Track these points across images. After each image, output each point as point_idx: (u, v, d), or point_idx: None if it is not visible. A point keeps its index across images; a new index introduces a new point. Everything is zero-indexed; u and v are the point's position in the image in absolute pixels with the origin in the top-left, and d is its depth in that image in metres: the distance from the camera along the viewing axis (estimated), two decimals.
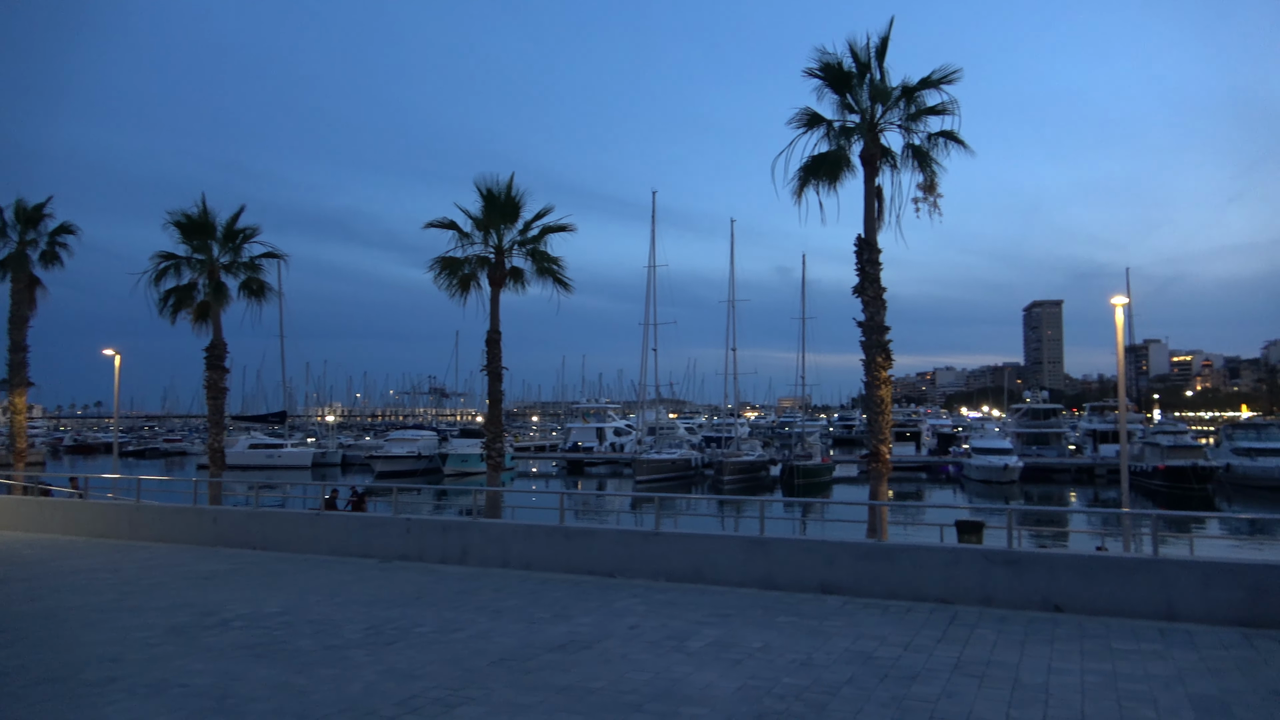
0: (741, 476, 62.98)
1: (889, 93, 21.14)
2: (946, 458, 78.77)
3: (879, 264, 21.21)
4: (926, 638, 9.46)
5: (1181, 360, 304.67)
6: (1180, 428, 74.66)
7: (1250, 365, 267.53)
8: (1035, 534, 28.21)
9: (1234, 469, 61.24)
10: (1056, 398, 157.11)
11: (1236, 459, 62.50)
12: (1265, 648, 9.01)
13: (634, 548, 13.47)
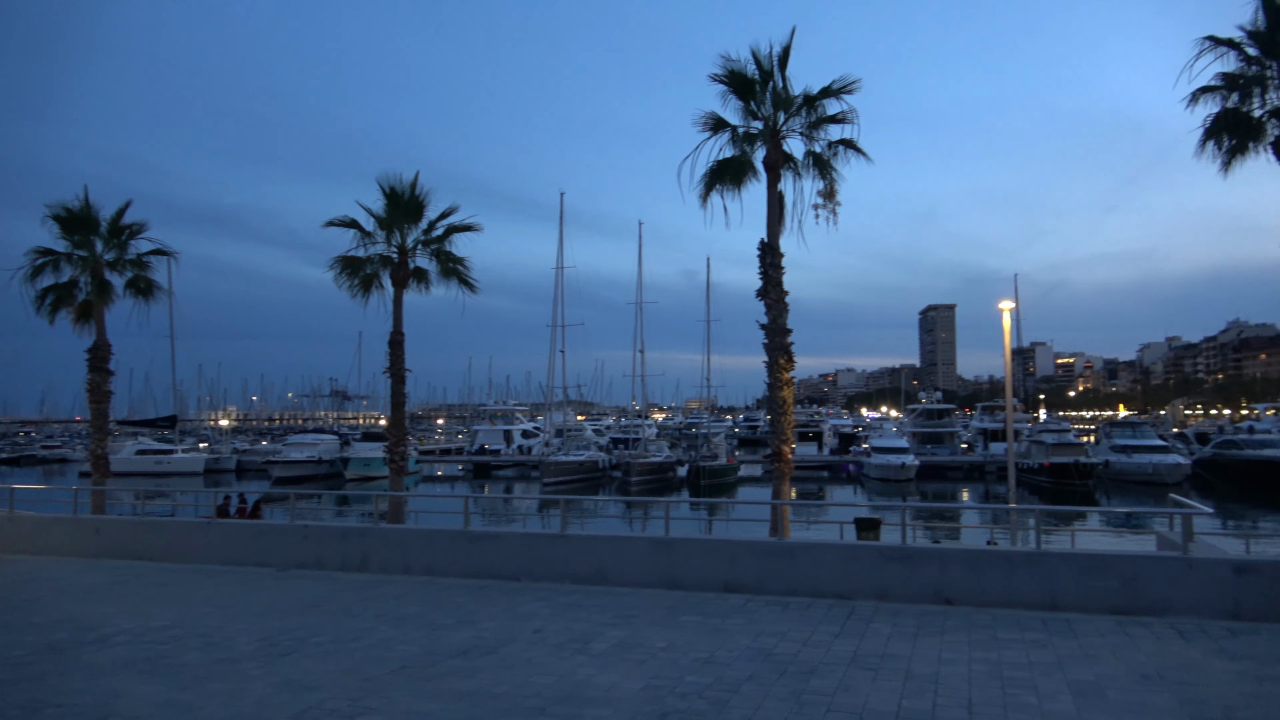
0: (649, 478, 63.36)
1: (791, 101, 21.58)
2: (847, 457, 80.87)
3: (781, 268, 21.63)
4: (825, 633, 9.72)
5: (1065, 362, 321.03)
6: (1064, 427, 78.55)
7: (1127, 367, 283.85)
8: (930, 530, 29.29)
9: (1112, 465, 64.73)
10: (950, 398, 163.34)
11: (1114, 456, 66.10)
12: (1137, 634, 9.57)
13: (539, 551, 13.42)
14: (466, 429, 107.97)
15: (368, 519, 26.50)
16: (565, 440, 73.96)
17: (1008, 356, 20.80)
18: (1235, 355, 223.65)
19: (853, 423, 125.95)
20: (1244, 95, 18.81)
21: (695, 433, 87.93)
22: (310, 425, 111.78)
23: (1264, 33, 18.43)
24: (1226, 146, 18.85)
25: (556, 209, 69.79)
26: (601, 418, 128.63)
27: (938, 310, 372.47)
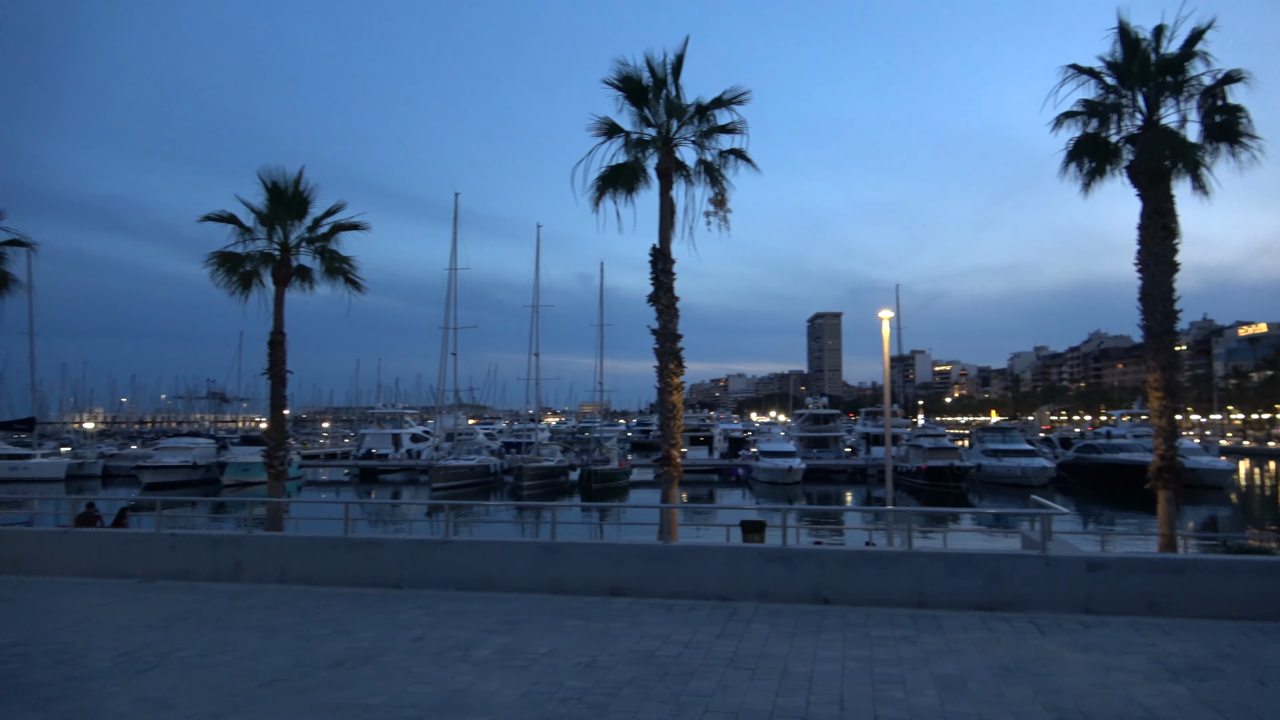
0: (541, 482, 63.01)
1: (684, 109, 21.85)
2: (736, 461, 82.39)
3: (672, 274, 21.87)
4: (706, 634, 9.85)
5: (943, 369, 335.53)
6: (939, 431, 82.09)
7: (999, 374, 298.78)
8: (816, 531, 30.17)
9: (984, 468, 67.98)
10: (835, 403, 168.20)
11: (985, 459, 69.44)
12: (999, 629, 10.07)
13: (422, 557, 13.15)
14: (353, 433, 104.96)
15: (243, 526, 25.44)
16: (456, 444, 72.78)
17: (886, 364, 21.58)
18: (1096, 364, 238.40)
19: (743, 427, 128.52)
20: (1103, 121, 20.08)
21: (588, 437, 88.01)
22: (185, 429, 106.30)
23: (1121, 63, 19.73)
24: (1087, 169, 20.09)
25: (451, 209, 68.40)
26: (494, 421, 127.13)
27: (825, 318, 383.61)
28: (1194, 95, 19.31)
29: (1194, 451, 67.59)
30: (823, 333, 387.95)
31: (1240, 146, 18.82)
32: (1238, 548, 21.40)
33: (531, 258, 69.86)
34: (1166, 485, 19.20)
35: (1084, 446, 75.30)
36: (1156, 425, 19.53)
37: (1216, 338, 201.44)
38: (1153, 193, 19.06)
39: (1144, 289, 19.39)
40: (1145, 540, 23.60)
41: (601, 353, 77.14)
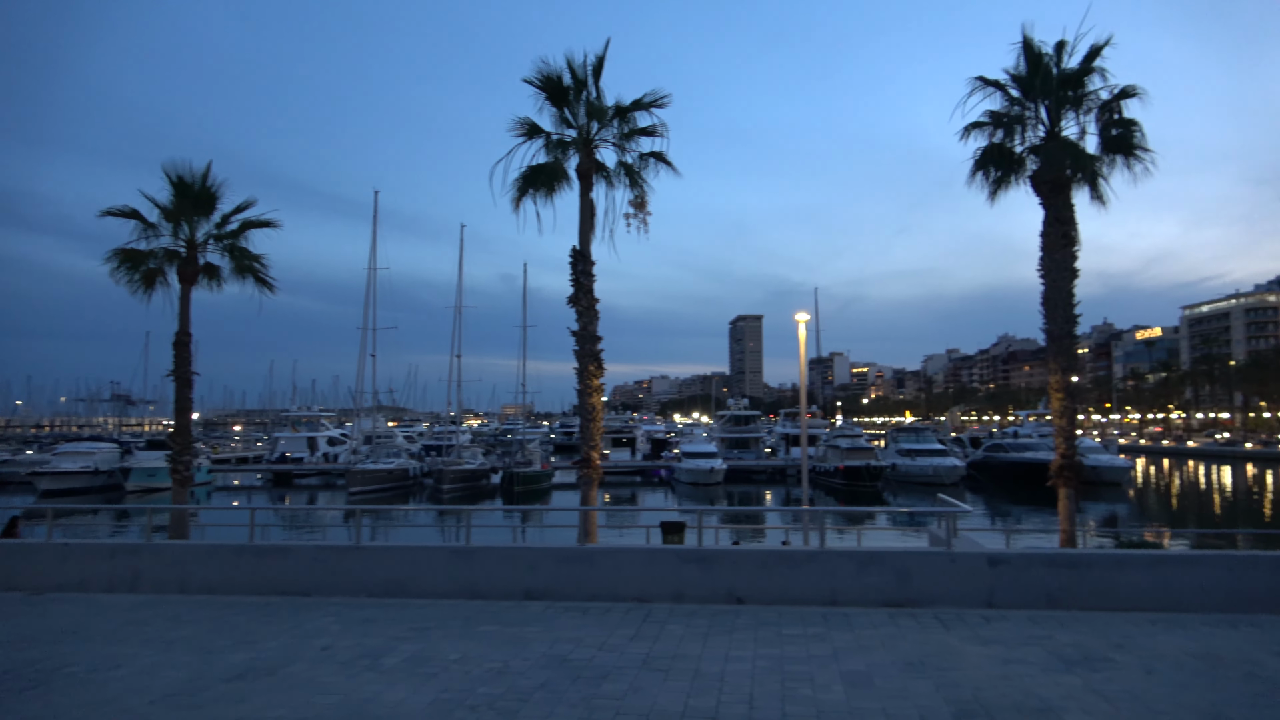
0: (462, 485, 62.25)
1: (604, 111, 21.85)
2: (659, 462, 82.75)
3: (592, 275, 21.84)
4: (621, 636, 9.84)
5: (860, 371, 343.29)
6: (856, 432, 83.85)
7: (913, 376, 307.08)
8: (737, 532, 30.43)
9: (898, 468, 69.76)
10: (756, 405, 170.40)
11: (900, 459, 71.27)
12: (905, 624, 10.31)
13: (332, 564, 12.81)
14: (267, 436, 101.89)
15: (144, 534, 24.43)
16: (374, 447, 71.29)
17: (803, 366, 21.93)
18: (1004, 367, 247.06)
19: (665, 428, 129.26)
20: (1008, 132, 20.81)
21: (510, 439, 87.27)
22: (87, 432, 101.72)
23: (1025, 77, 20.47)
24: (993, 177, 20.79)
25: (371, 207, 67.04)
26: (415, 424, 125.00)
27: (746, 320, 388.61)
28: (1092, 109, 20.19)
29: (1094, 450, 70.60)
30: (744, 335, 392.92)
31: (1135, 158, 19.74)
32: (1129, 542, 22.40)
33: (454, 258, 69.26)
34: (1067, 483, 19.99)
35: (992, 446, 77.91)
36: (1057, 425, 20.32)
37: (1116, 341, 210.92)
38: (1054, 202, 19.83)
39: (1046, 294, 20.16)
40: (1048, 536, 24.52)
41: (524, 354, 76.70)
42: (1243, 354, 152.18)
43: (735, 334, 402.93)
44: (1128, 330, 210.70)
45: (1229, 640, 9.45)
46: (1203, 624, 10.20)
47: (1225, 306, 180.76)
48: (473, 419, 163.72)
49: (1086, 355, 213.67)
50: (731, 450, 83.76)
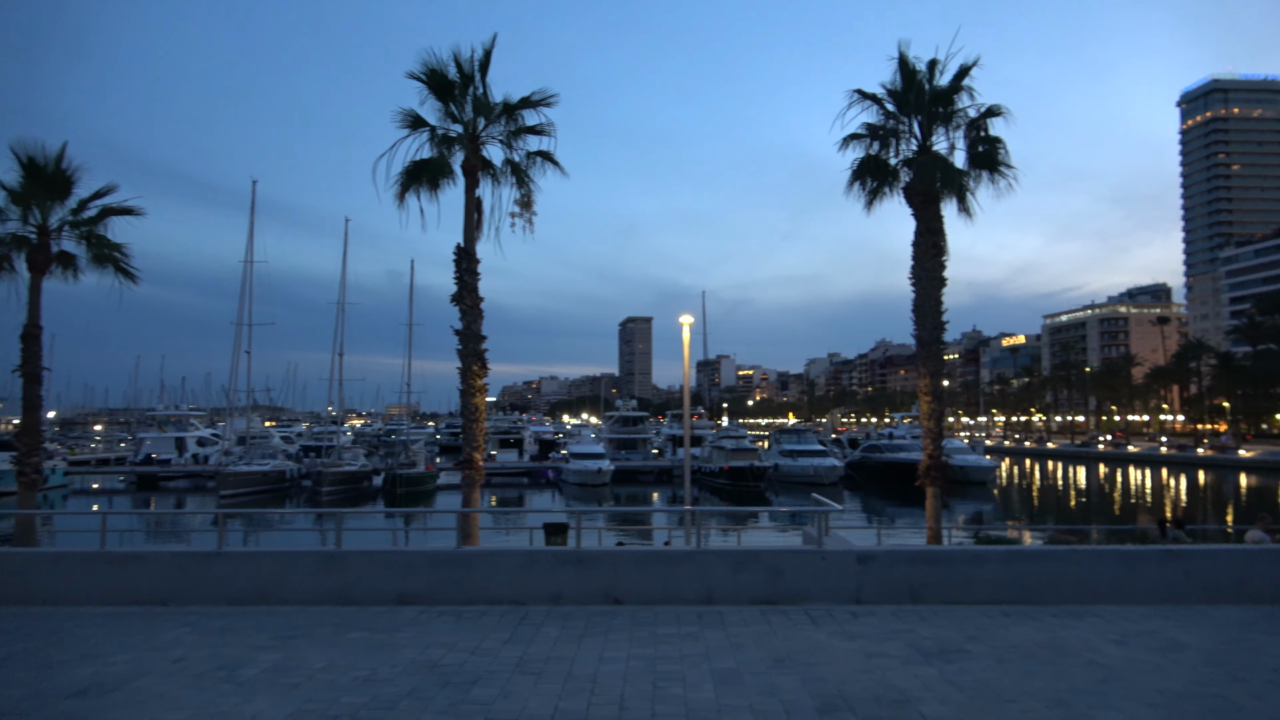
0: (341, 487, 60.46)
1: (491, 107, 21.56)
2: (546, 463, 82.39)
3: (477, 274, 21.54)
4: (495, 640, 9.70)
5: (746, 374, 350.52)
6: (741, 433, 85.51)
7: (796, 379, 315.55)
8: (624, 533, 30.51)
9: (781, 468, 71.51)
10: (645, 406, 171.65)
11: (783, 460, 73.07)
12: (777, 621, 10.54)
13: (191, 571, 12.17)
14: (131, 436, 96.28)
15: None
16: (248, 448, 68.30)
17: (686, 367, 22.19)
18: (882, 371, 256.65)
19: (554, 429, 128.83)
20: (883, 144, 21.59)
21: (394, 440, 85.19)
22: None
23: (900, 92, 21.27)
24: (869, 188, 21.52)
25: (248, 197, 64.11)
26: (294, 424, 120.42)
27: (636, 322, 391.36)
28: (961, 125, 21.16)
29: (961, 451, 74.13)
30: (634, 336, 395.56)
31: (999, 174, 20.79)
32: (987, 538, 23.56)
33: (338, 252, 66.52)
34: (934, 482, 20.88)
35: (869, 447, 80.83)
36: (925, 427, 21.20)
37: (984, 347, 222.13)
38: (925, 213, 20.69)
39: (916, 301, 21.01)
40: (917, 533, 25.52)
41: (410, 353, 74.74)
42: (1097, 361, 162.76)
43: (625, 335, 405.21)
44: (995, 337, 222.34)
45: (1074, 630, 10.04)
46: (1051, 615, 10.81)
47: (1082, 316, 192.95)
48: (355, 419, 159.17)
49: (957, 361, 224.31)
50: (619, 451, 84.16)
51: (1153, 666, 8.53)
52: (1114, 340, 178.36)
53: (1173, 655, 8.97)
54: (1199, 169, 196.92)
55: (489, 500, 67.47)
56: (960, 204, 20.99)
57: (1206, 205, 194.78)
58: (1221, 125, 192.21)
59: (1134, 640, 9.59)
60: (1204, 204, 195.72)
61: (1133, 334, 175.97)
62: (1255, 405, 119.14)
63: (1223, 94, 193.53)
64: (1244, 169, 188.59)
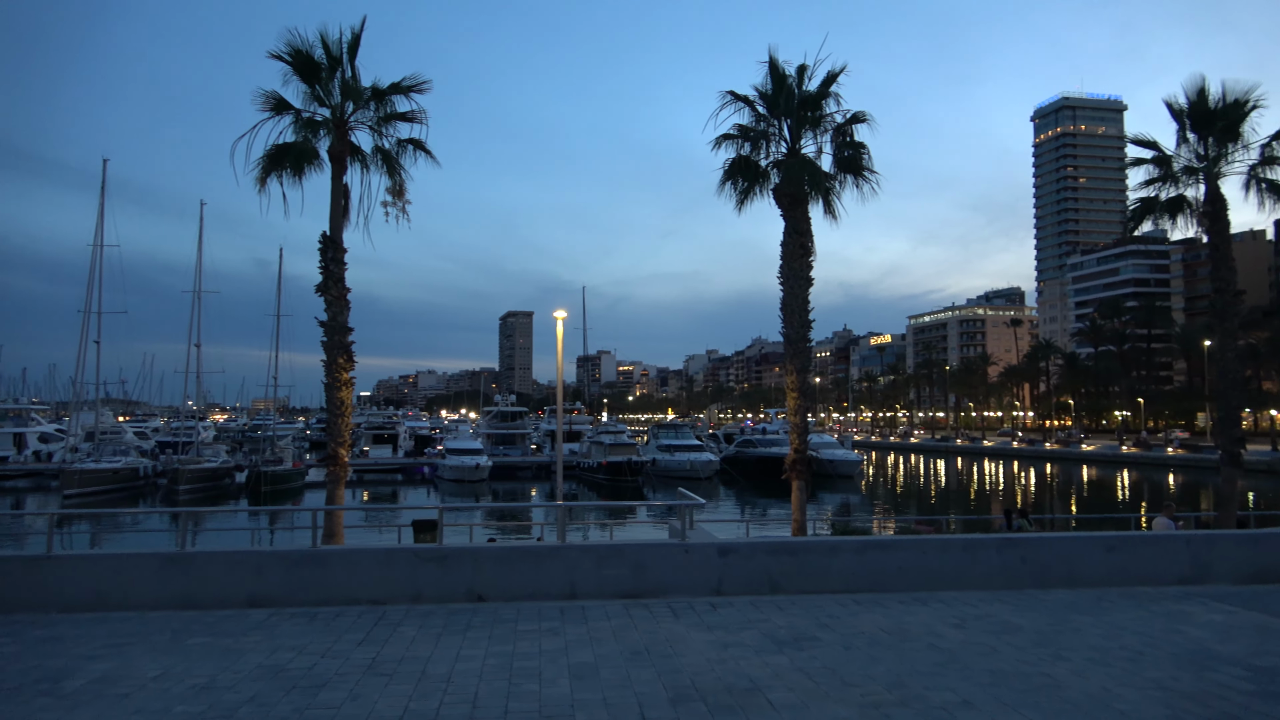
0: (200, 485, 57.63)
1: (360, 92, 20.91)
2: (422, 459, 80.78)
3: (344, 263, 20.87)
4: (348, 642, 9.40)
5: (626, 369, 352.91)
6: (620, 428, 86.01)
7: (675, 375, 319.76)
8: (500, 529, 30.17)
9: (658, 463, 72.33)
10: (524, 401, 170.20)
11: (660, 455, 73.91)
12: (638, 615, 10.62)
13: (14, 577, 11.28)
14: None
15: None
16: (97, 445, 64.05)
17: (559, 362, 22.12)
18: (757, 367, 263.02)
19: (430, 424, 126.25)
20: (754, 146, 22.06)
21: (260, 435, 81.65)
22: None
23: (770, 95, 21.77)
24: (740, 188, 21.95)
25: (98, 176, 60.02)
26: (150, 419, 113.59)
27: (517, 316, 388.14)
28: (828, 130, 21.85)
29: (830, 446, 76.83)
30: (514, 331, 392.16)
31: (863, 178, 21.58)
32: (843, 529, 24.48)
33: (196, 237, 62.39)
34: (799, 475, 21.52)
35: (743, 442, 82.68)
36: (792, 422, 21.82)
37: (854, 346, 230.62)
38: (793, 214, 21.27)
39: (784, 300, 21.58)
40: (784, 525, 26.25)
41: (277, 344, 71.63)
42: (957, 360, 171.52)
43: (506, 330, 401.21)
44: (864, 336, 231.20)
45: (918, 616, 10.52)
46: (899, 602, 11.30)
47: (943, 317, 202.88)
48: (218, 414, 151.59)
49: (829, 358, 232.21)
50: (498, 447, 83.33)
51: (987, 648, 9.03)
52: (972, 341, 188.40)
53: (1006, 637, 9.51)
54: (1050, 181, 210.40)
55: (361, 498, 65.64)
56: (826, 206, 21.69)
57: (1056, 215, 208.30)
58: (1070, 141, 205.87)
59: (972, 624, 10.13)
60: (1054, 214, 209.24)
61: (989, 335, 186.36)
62: (1096, 403, 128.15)
63: (1071, 111, 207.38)
64: (1089, 182, 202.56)
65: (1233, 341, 24.26)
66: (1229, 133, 22.79)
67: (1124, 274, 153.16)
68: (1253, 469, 66.11)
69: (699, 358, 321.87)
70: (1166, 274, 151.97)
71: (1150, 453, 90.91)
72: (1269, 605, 11.23)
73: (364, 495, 67.50)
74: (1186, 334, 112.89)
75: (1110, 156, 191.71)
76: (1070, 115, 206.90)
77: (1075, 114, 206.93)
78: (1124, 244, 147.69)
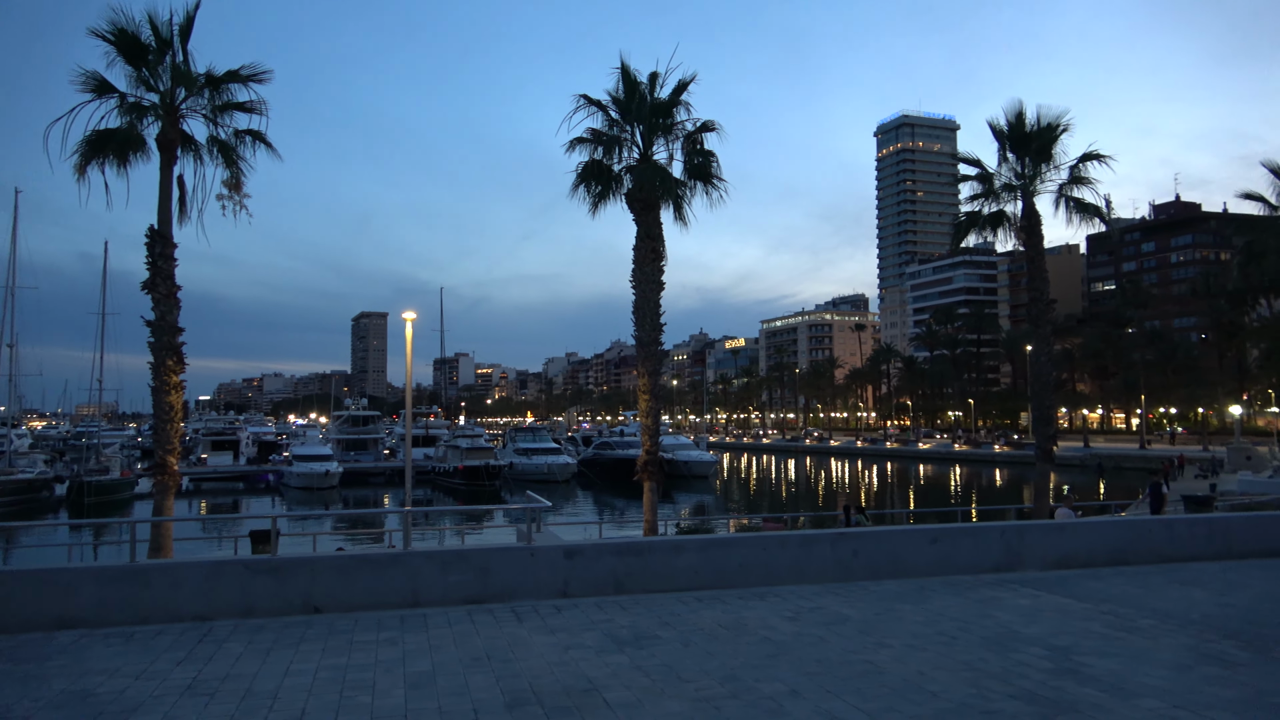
0: (12, 499, 52.99)
1: (193, 78, 19.80)
2: (266, 466, 77.24)
3: (173, 259, 19.73)
4: (167, 661, 8.85)
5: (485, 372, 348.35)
6: (477, 432, 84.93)
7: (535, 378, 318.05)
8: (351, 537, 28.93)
9: (516, 466, 71.75)
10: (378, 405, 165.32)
11: (518, 458, 73.36)
12: (482, 620, 10.49)
13: None
14: None
15: None
16: None
17: (409, 364, 21.60)
18: (616, 370, 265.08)
19: (277, 430, 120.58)
20: (607, 150, 22.27)
21: (84, 443, 75.74)
22: None
23: (623, 101, 22.04)
24: (594, 192, 22.13)
25: None
26: None
27: (371, 318, 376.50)
28: (679, 138, 22.34)
29: (686, 447, 78.35)
30: (368, 332, 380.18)
31: (712, 186, 22.16)
32: (687, 529, 25.04)
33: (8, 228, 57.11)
34: (651, 476, 21.85)
35: (600, 444, 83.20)
36: (644, 424, 22.13)
37: (710, 349, 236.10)
38: (645, 219, 21.61)
39: (637, 304, 21.88)
40: (638, 526, 26.55)
41: (102, 345, 66.54)
42: (806, 363, 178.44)
43: (359, 331, 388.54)
44: (720, 340, 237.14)
45: (754, 610, 10.88)
46: (738, 597, 11.65)
47: (794, 322, 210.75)
48: (36, 420, 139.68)
49: (686, 361, 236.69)
50: (349, 452, 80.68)
51: (817, 639, 9.44)
52: (820, 345, 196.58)
53: (835, 628, 9.97)
54: (891, 193, 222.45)
55: (198, 509, 62.02)
56: (677, 212, 22.15)
57: (897, 226, 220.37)
58: (909, 156, 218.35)
59: (805, 616, 10.56)
60: (894, 224, 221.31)
61: (836, 339, 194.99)
62: (932, 403, 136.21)
63: (911, 129, 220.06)
64: (927, 196, 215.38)
65: (1047, 346, 26.35)
66: (1043, 154, 24.76)
67: (957, 283, 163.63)
68: (1067, 464, 71.96)
69: (559, 360, 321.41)
70: (995, 283, 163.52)
71: (979, 450, 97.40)
72: (1070, 589, 12.25)
73: (201, 506, 63.74)
74: (1011, 339, 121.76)
75: (945, 172, 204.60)
76: (910, 132, 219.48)
77: (914, 131, 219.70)
78: (957, 254, 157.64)
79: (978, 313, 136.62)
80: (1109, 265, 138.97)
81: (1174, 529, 15.46)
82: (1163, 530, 15.37)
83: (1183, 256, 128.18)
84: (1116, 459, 76.65)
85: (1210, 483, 47.43)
